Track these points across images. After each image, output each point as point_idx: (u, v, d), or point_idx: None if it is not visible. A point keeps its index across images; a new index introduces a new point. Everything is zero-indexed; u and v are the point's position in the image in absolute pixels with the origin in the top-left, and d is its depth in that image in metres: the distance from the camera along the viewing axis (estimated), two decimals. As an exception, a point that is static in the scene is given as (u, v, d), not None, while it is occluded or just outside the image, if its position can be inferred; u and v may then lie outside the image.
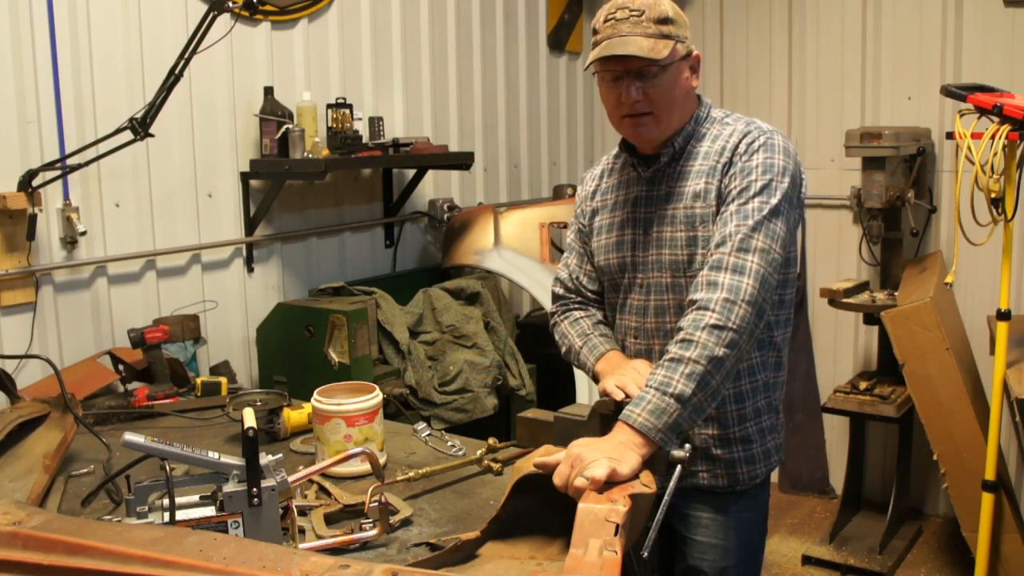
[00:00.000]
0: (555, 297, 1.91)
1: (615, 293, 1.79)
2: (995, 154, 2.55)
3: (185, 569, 1.08)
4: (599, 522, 1.17)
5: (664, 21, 1.59)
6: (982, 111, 2.57)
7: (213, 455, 1.42)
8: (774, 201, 1.55)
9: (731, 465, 1.70)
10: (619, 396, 1.52)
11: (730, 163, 1.62)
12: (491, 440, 1.94)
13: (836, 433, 4.10)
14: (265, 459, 1.42)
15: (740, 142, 1.63)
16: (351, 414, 1.88)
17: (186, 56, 2.30)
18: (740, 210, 1.55)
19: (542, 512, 1.38)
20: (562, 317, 1.87)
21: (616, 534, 1.15)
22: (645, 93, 1.60)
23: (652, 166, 1.71)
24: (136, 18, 2.68)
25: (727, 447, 1.70)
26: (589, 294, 1.86)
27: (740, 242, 1.52)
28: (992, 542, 2.84)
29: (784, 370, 1.77)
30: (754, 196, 1.55)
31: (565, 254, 1.91)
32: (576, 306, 1.87)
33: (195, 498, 1.43)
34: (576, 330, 1.81)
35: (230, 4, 2.31)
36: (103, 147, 2.39)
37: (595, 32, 1.63)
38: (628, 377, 1.56)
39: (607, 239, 1.77)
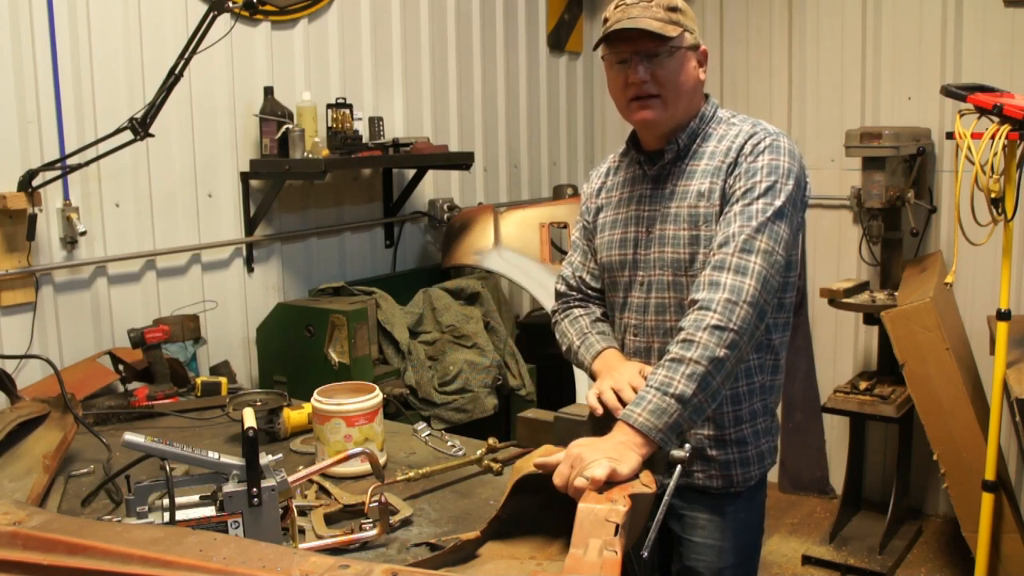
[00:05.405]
0: (558, 295, 1.91)
1: (616, 290, 1.79)
2: (995, 154, 2.55)
3: (185, 569, 1.08)
4: (599, 522, 1.17)
5: (673, 9, 1.62)
6: (982, 111, 2.57)
7: (213, 455, 1.42)
8: (778, 203, 1.55)
9: (726, 467, 1.70)
10: (599, 411, 1.51)
11: (735, 163, 1.62)
12: (491, 440, 1.94)
13: (836, 433, 4.10)
14: (265, 459, 1.42)
15: (746, 143, 1.63)
16: (351, 414, 1.88)
17: (186, 56, 2.30)
18: (744, 211, 1.55)
19: (542, 512, 1.38)
20: (563, 315, 1.87)
21: (616, 534, 1.15)
22: (653, 75, 1.62)
23: (657, 163, 1.71)
24: (136, 18, 2.68)
25: (722, 448, 1.70)
26: (591, 292, 1.86)
27: (743, 243, 1.52)
28: (992, 542, 2.84)
29: (781, 373, 1.77)
30: (758, 197, 1.56)
31: (570, 252, 1.92)
32: (576, 304, 1.87)
33: (195, 498, 1.43)
34: (575, 328, 1.81)
35: (230, 4, 2.31)
36: (103, 147, 2.39)
37: (605, 21, 1.65)
38: (624, 379, 1.56)
39: (610, 236, 1.77)
